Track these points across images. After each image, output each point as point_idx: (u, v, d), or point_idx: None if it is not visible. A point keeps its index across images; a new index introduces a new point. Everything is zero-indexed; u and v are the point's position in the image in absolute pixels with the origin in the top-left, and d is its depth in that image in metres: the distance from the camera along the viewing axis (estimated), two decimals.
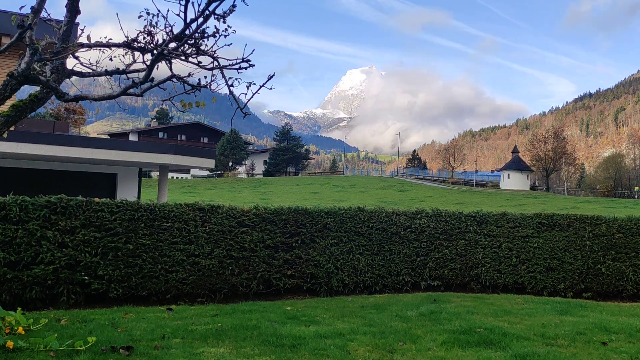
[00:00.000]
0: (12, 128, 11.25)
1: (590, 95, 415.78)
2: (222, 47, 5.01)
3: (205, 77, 5.09)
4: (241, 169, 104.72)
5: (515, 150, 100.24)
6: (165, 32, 4.86)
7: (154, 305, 8.74)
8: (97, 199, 9.02)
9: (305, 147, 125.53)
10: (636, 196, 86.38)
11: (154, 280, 9.12)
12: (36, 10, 4.56)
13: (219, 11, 4.73)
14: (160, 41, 4.90)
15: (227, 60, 5.02)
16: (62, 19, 4.91)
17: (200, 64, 4.99)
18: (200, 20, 4.77)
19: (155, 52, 4.89)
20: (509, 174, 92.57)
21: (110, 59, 5.00)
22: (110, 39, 5.05)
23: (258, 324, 7.16)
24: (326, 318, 7.81)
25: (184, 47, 4.92)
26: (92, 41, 4.98)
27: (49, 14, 4.96)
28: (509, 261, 11.48)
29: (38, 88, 5.06)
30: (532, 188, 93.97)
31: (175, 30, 4.85)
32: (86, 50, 5.01)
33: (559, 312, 8.74)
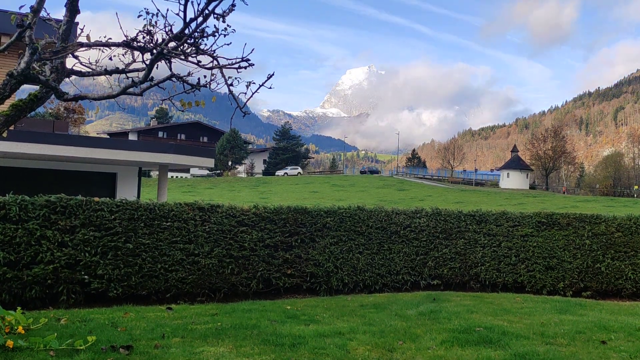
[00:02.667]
0: (11, 127, 11.26)
1: (590, 94, 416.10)
2: (222, 46, 5.01)
3: (205, 76, 5.09)
4: (241, 168, 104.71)
5: (514, 150, 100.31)
6: (165, 31, 4.86)
7: (153, 305, 8.74)
8: (96, 199, 9.02)
9: (305, 146, 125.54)
10: (635, 195, 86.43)
11: (153, 280, 9.12)
12: (36, 9, 4.56)
13: (218, 10, 4.73)
14: (160, 40, 4.90)
15: (227, 59, 5.02)
16: (62, 18, 4.90)
17: (200, 64, 4.99)
18: (200, 19, 4.77)
19: (154, 51, 4.89)
20: (508, 173, 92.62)
21: (110, 59, 5.00)
22: (110, 39, 5.05)
23: (258, 323, 7.16)
24: (326, 317, 7.82)
25: (184, 47, 4.92)
26: (92, 40, 4.98)
27: (48, 14, 4.96)
28: (508, 260, 11.49)
29: (38, 87, 5.06)
30: (532, 187, 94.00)
31: (175, 30, 4.85)
32: (86, 50, 5.01)
33: (558, 311, 8.75)
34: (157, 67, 4.96)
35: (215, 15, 4.74)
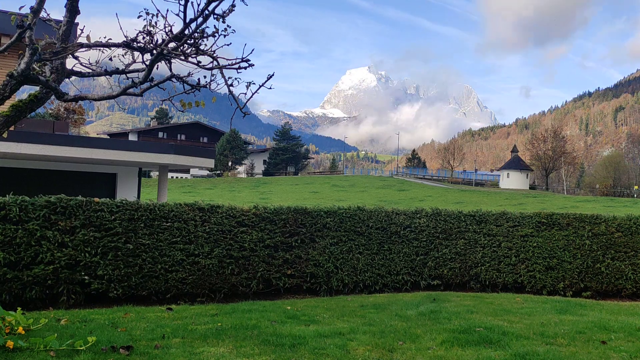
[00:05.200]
0: (12, 128, 11.26)
1: (590, 94, 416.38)
2: (222, 46, 5.01)
3: (205, 76, 5.09)
4: (241, 168, 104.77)
5: (514, 150, 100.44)
6: (165, 32, 4.86)
7: (154, 305, 8.74)
8: (96, 199, 9.02)
9: (305, 146, 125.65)
10: (635, 195, 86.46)
11: (153, 280, 9.12)
12: (35, 10, 4.56)
13: (218, 11, 4.74)
14: (160, 41, 4.91)
15: (227, 60, 5.02)
16: (62, 19, 4.91)
17: (200, 64, 4.99)
18: (200, 20, 4.77)
19: (154, 52, 4.89)
20: (508, 173, 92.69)
21: (110, 59, 5.01)
22: (110, 39, 5.05)
23: (258, 324, 7.17)
24: (326, 317, 7.82)
25: (184, 47, 4.92)
26: (92, 41, 4.99)
27: (48, 14, 4.96)
28: (508, 260, 11.49)
29: (38, 88, 5.06)
30: (532, 187, 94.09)
31: (175, 30, 4.85)
32: (86, 50, 5.01)
33: (558, 311, 8.75)
34: (157, 68, 4.96)
35: (215, 16, 4.75)
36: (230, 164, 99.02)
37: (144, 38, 4.92)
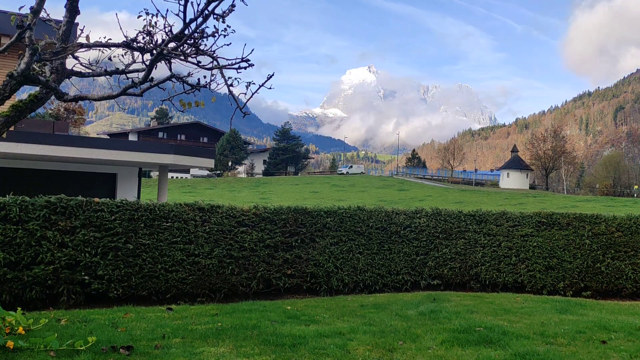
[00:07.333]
0: (11, 128, 11.26)
1: (590, 94, 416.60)
2: (222, 46, 5.02)
3: (205, 76, 5.10)
4: (241, 168, 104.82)
5: (514, 150, 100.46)
6: (165, 32, 4.87)
7: (154, 305, 8.74)
8: (96, 199, 9.02)
9: (305, 146, 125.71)
10: (635, 195, 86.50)
11: (154, 280, 9.12)
12: (35, 10, 4.56)
13: (218, 11, 4.75)
14: (160, 41, 4.91)
15: (227, 60, 5.03)
16: (62, 19, 4.91)
17: (200, 64, 5.00)
18: (200, 20, 4.78)
19: (154, 52, 4.89)
20: (508, 173, 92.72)
21: (110, 59, 5.01)
22: (110, 39, 5.05)
23: (258, 324, 7.17)
24: (326, 317, 7.82)
25: (184, 47, 4.93)
26: (92, 41, 4.99)
27: (48, 14, 4.97)
28: (508, 260, 11.49)
29: (38, 88, 5.07)
30: (532, 187, 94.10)
31: (175, 30, 4.86)
32: (85, 51, 5.02)
33: (558, 310, 8.76)
34: (156, 68, 4.97)
35: (215, 16, 4.75)
36: (230, 164, 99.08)
37: (144, 38, 4.92)
